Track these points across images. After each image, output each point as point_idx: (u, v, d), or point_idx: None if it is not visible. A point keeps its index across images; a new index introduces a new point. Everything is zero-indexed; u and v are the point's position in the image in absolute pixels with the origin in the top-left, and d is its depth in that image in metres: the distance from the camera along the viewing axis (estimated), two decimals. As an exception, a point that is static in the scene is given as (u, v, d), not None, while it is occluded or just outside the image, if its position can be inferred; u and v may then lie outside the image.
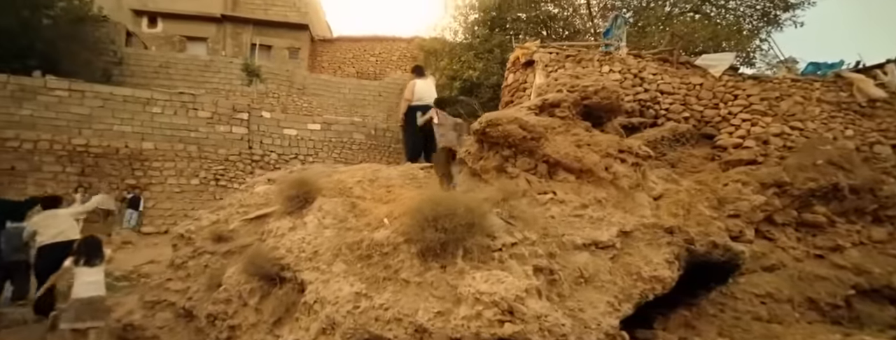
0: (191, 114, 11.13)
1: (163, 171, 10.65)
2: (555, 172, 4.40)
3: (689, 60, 7.88)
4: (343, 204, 3.71)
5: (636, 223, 4.16)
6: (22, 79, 10.23)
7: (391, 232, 3.20)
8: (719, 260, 4.24)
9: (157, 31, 23.71)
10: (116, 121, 10.54)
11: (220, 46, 23.52)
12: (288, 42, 24.26)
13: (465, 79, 10.91)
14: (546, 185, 4.30)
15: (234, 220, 3.92)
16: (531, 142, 4.29)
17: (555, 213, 4.06)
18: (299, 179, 3.73)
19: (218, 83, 18.00)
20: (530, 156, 4.36)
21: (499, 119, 4.25)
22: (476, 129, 4.39)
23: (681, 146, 6.33)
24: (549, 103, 4.65)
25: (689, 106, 7.23)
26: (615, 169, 4.52)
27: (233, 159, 11.28)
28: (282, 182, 3.93)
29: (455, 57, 11.70)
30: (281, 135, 12.05)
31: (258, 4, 25.34)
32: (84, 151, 10.07)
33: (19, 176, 9.59)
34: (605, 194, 4.36)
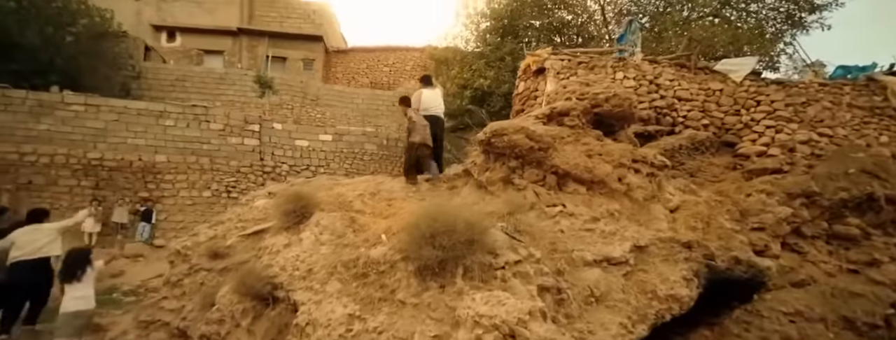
0: (203, 127, 11.28)
1: (175, 184, 10.77)
2: (564, 184, 4.24)
3: (707, 65, 7.64)
4: (341, 218, 3.62)
5: (651, 237, 3.96)
6: (40, 94, 10.52)
7: (388, 248, 3.08)
8: (742, 276, 4.00)
9: (176, 45, 24.34)
10: (130, 134, 10.73)
11: (237, 59, 24.02)
12: (302, 53, 24.64)
13: (476, 87, 10.81)
14: (555, 197, 4.14)
15: (231, 236, 3.86)
16: (539, 152, 4.14)
17: (564, 227, 3.90)
18: (297, 193, 3.65)
19: (233, 95, 18.31)
20: (538, 167, 4.22)
21: (504, 129, 4.13)
22: (481, 140, 4.27)
23: (700, 154, 6.09)
24: (557, 112, 4.51)
25: (709, 112, 6.98)
26: (629, 179, 4.34)
27: (244, 171, 11.36)
28: (279, 196, 3.86)
29: (466, 65, 11.63)
30: (292, 146, 12.11)
31: (274, 17, 25.86)
32: (99, 165, 10.27)
33: (36, 190, 9.81)
34: (618, 206, 4.18)
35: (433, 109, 5.57)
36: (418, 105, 5.49)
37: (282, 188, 4.64)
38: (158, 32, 24.37)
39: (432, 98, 5.64)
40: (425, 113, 5.53)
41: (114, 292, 6.62)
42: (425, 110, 5.53)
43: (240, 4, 25.11)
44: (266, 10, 25.90)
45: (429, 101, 5.58)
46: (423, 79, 5.89)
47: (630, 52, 7.90)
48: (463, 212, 3.11)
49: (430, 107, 5.56)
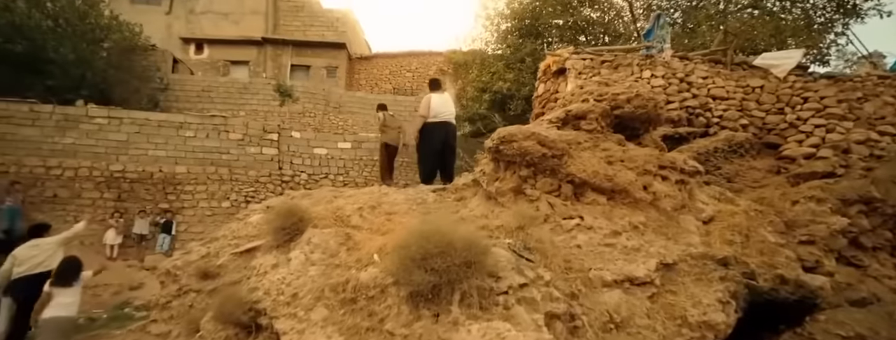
0: (222, 137, 11.42)
1: (195, 195, 10.92)
2: (582, 194, 3.90)
3: (745, 60, 7.10)
4: (336, 235, 3.40)
5: (681, 253, 3.57)
6: (66, 108, 10.90)
7: (379, 271, 2.84)
8: (789, 298, 3.55)
9: (203, 56, 25.11)
10: (151, 145, 10.96)
11: (262, 69, 24.55)
12: (326, 61, 24.96)
13: (496, 91, 10.51)
14: (571, 209, 3.81)
15: (224, 254, 3.71)
16: (552, 159, 3.83)
17: (581, 242, 3.56)
18: (289, 208, 3.46)
19: (256, 104, 18.65)
20: (552, 176, 3.90)
21: (513, 135, 3.84)
22: (489, 147, 3.99)
23: (738, 158, 5.60)
24: (573, 115, 4.18)
25: (748, 111, 6.45)
26: (655, 188, 3.97)
27: (263, 180, 11.42)
28: (272, 211, 3.68)
29: (485, 68, 11.35)
30: (311, 154, 12.11)
31: (297, 26, 26.35)
32: (121, 177, 10.52)
33: (61, 203, 10.12)
34: (642, 218, 3.81)
35: (443, 115, 5.34)
36: (427, 111, 5.28)
37: (282, 200, 4.48)
38: (187, 45, 25.22)
39: (442, 103, 5.41)
40: (435, 119, 5.31)
41: (126, 307, 6.65)
42: (435, 116, 5.31)
43: (265, 14, 25.72)
44: (290, 20, 26.43)
45: (439, 107, 5.35)
46: (432, 83, 5.68)
47: (658, 48, 7.46)
48: (460, 229, 2.84)
49: (440, 113, 5.34)
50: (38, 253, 4.93)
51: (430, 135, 5.24)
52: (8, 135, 10.13)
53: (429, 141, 5.24)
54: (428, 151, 5.28)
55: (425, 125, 5.26)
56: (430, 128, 5.24)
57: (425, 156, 5.31)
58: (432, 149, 5.23)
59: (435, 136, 5.22)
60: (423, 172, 5.35)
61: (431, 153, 5.24)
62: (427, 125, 5.26)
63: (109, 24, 17.25)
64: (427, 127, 5.26)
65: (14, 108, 10.32)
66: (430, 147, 5.25)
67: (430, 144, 5.24)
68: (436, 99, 5.31)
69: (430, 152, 5.24)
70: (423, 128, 5.25)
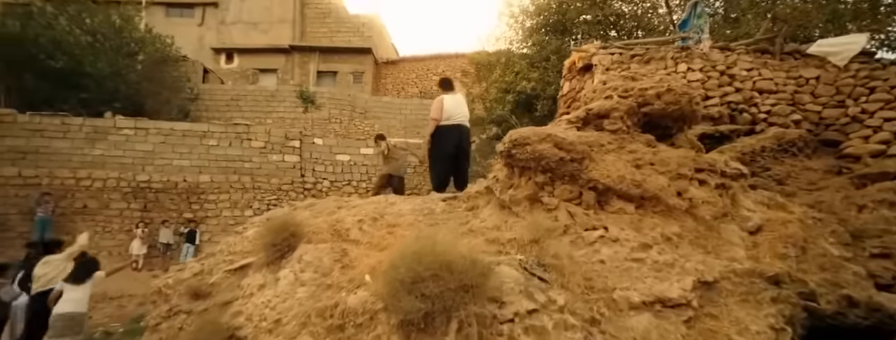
0: (245, 145, 11.53)
1: (218, 204, 11.05)
2: (606, 202, 3.52)
3: (798, 49, 6.46)
4: (331, 251, 3.16)
5: (723, 269, 3.14)
6: (95, 120, 11.27)
7: (370, 294, 2.57)
8: (860, 323, 3.05)
9: (233, 66, 25.82)
10: (176, 155, 11.18)
11: (289, 76, 25.01)
12: (352, 67, 25.19)
13: (520, 91, 10.12)
14: (595, 219, 3.44)
15: (217, 271, 3.53)
16: (572, 164, 3.47)
17: (605, 257, 3.18)
18: (281, 222, 3.25)
19: (283, 111, 18.93)
20: (572, 183, 3.53)
21: (527, 137, 3.50)
22: (501, 151, 3.67)
23: (790, 157, 5.03)
24: (594, 114, 3.81)
25: (801, 105, 5.85)
26: (691, 193, 3.54)
27: (285, 188, 11.44)
28: (265, 224, 3.49)
29: (509, 68, 10.98)
30: (333, 161, 12.06)
31: (324, 33, 26.73)
32: (147, 187, 10.76)
33: (90, 214, 10.43)
34: (676, 228, 3.39)
35: (456, 117, 5.05)
36: (439, 113, 4.99)
37: (280, 213, 4.29)
38: (218, 55, 26.01)
39: (455, 104, 5.11)
40: (447, 121, 5.02)
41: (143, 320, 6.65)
42: (448, 119, 5.02)
43: (292, 22, 26.22)
44: (317, 27, 26.86)
45: (451, 109, 5.06)
46: (443, 82, 5.39)
47: (696, 39, 6.92)
48: (459, 246, 2.53)
49: (452, 115, 5.04)
50: (50, 270, 5.21)
51: (443, 138, 4.95)
52: (41, 148, 10.54)
53: (441, 145, 4.95)
54: (440, 156, 4.99)
55: (437, 128, 4.97)
56: (442, 132, 4.96)
57: (437, 161, 5.02)
58: (445, 154, 4.94)
59: (448, 140, 4.93)
60: (435, 179, 5.06)
61: (444, 158, 4.95)
62: (439, 128, 4.97)
63: (143, 37, 17.94)
64: (439, 130, 4.97)
65: (47, 122, 10.73)
66: (442, 151, 4.95)
67: (443, 149, 4.94)
68: (448, 100, 5.02)
69: (443, 157, 4.95)
70: (436, 131, 4.97)
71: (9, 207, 10.03)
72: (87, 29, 16.71)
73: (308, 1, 27.18)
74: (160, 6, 26.73)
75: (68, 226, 10.24)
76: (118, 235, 10.30)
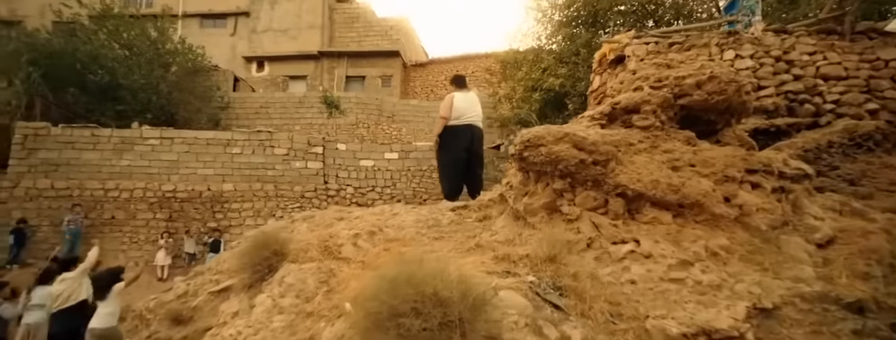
0: (267, 152, 11.53)
1: (241, 212, 11.07)
2: (637, 210, 3.04)
3: (873, 27, 5.69)
4: (317, 272, 2.84)
5: (786, 293, 2.60)
6: (123, 131, 11.54)
7: (348, 326, 2.22)
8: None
9: (264, 74, 26.37)
10: (200, 164, 11.29)
11: (318, 82, 25.28)
12: (380, 71, 25.21)
13: (547, 88, 9.57)
14: (623, 230, 2.97)
15: (203, 292, 3.27)
16: (595, 167, 3.01)
17: (636, 276, 2.71)
18: (264, 238, 2.96)
19: (311, 118, 19.06)
20: (596, 189, 3.08)
21: (541, 137, 3.07)
22: (512, 153, 3.26)
23: (865, 153, 4.34)
24: (621, 108, 3.33)
25: (878, 92, 5.11)
26: (742, 199, 3.01)
27: (308, 196, 11.35)
28: (247, 241, 3.20)
29: (535, 64, 10.45)
30: (357, 166, 11.89)
31: (352, 37, 26.93)
32: (172, 197, 10.91)
33: (117, 225, 10.65)
34: (724, 241, 2.88)
35: (467, 117, 4.65)
36: (448, 112, 4.61)
37: (277, 226, 4.02)
38: (250, 63, 26.64)
39: (466, 103, 4.72)
40: (457, 121, 4.62)
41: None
42: (458, 118, 4.62)
43: (321, 28, 26.54)
44: (345, 32, 27.10)
45: (462, 107, 4.66)
46: (455, 80, 5.01)
47: (745, 22, 6.26)
48: (451, 269, 2.14)
49: (463, 115, 4.64)
50: (66, 288, 5.25)
51: (452, 140, 4.56)
52: (72, 160, 10.87)
53: (450, 147, 4.56)
54: (449, 160, 4.59)
55: (446, 129, 4.59)
56: (451, 133, 4.56)
57: (447, 165, 4.63)
58: (455, 158, 4.54)
59: (458, 142, 4.54)
60: (446, 185, 4.67)
61: (454, 162, 4.55)
62: (448, 129, 4.58)
63: (176, 48, 18.51)
64: (448, 131, 4.58)
65: (78, 134, 11.07)
66: (451, 155, 4.55)
67: (452, 151, 4.55)
68: (459, 98, 4.63)
69: (453, 161, 4.55)
70: (444, 132, 4.58)
71: (42, 219, 10.37)
72: (124, 43, 17.40)
73: (336, 6, 27.47)
74: (195, 18, 27.66)
75: (97, 237, 10.47)
76: (144, 246, 10.46)
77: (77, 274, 5.28)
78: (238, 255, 3.22)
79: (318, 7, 26.26)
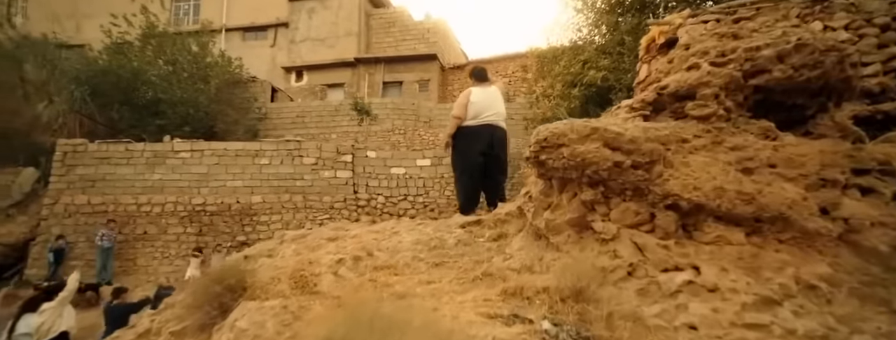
0: (296, 162, 11.36)
1: (270, 225, 10.92)
2: (695, 226, 2.33)
3: None
4: (281, 312, 2.33)
5: (929, 349, 1.83)
6: (155, 145, 11.73)
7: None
8: None
9: (303, 83, 26.76)
10: (229, 176, 11.26)
11: (355, 89, 25.34)
12: (417, 75, 24.94)
13: (588, 83, 8.71)
14: (677, 254, 2.27)
15: (165, 331, 2.82)
16: (635, 171, 2.33)
17: (697, 318, 2.02)
18: (222, 270, 2.49)
19: (347, 125, 18.98)
20: (638, 199, 2.39)
21: (562, 134, 2.44)
22: (527, 156, 2.63)
23: None
24: (671, 93, 2.63)
25: None
26: (848, 210, 2.25)
27: (338, 206, 11.06)
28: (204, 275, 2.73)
29: (575, 56, 9.59)
30: (388, 175, 11.50)
31: (389, 42, 26.87)
32: (202, 210, 10.92)
33: (149, 239, 10.77)
34: (825, 269, 2.13)
35: (487, 115, 4.03)
36: (463, 110, 4.01)
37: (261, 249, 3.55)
38: (289, 73, 27.13)
39: (486, 99, 4.10)
40: (475, 121, 4.01)
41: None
42: (475, 117, 4.01)
43: (357, 35, 26.66)
44: (382, 37, 27.08)
45: (481, 105, 4.05)
46: (474, 72, 4.40)
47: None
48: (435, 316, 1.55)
49: (483, 112, 4.03)
50: (46, 319, 5.05)
51: (468, 142, 3.97)
52: (108, 175, 11.13)
53: (465, 151, 3.95)
54: (465, 166, 3.99)
55: (461, 130, 4.00)
56: (467, 134, 3.97)
57: (462, 172, 4.01)
58: (471, 163, 3.93)
59: (475, 145, 3.94)
60: (461, 195, 4.04)
61: (470, 168, 3.93)
62: (464, 130, 4.01)
63: (216, 61, 19.01)
64: (464, 132, 4.00)
65: (113, 149, 11.34)
66: (467, 160, 3.94)
67: (468, 156, 3.94)
68: (478, 94, 4.01)
69: (469, 167, 3.94)
70: (459, 133, 3.99)
71: (78, 235, 10.64)
72: (167, 59, 18.02)
73: (373, 12, 27.54)
74: (237, 31, 28.52)
75: (129, 253, 10.64)
76: (175, 261, 10.50)
77: (56, 305, 5.06)
78: (191, 291, 2.75)
79: (354, 14, 26.39)
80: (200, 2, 29.12)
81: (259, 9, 28.08)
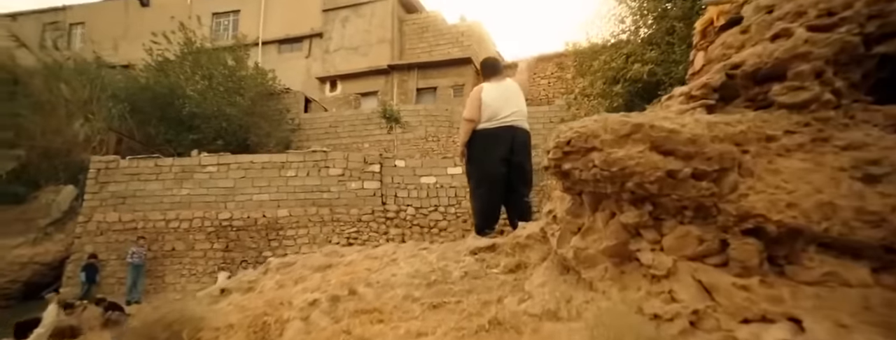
0: (322, 173, 11.07)
1: (296, 240, 10.63)
2: (792, 258, 1.65)
3: None
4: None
5: None
6: (183, 160, 11.74)
7: None
8: None
9: (337, 93, 26.86)
10: (255, 190, 11.09)
11: (389, 97, 25.17)
12: (452, 80, 24.50)
13: (632, 78, 7.82)
14: (764, 298, 1.60)
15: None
16: (698, 183, 1.68)
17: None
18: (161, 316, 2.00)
19: (380, 134, 18.74)
20: (702, 220, 1.73)
21: (591, 135, 1.82)
22: (546, 165, 2.01)
23: None
24: (747, 74, 1.97)
25: None
26: None
27: (365, 219, 10.65)
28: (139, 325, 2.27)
29: (616, 51, 8.71)
30: (417, 184, 11.00)
31: (423, 48, 26.62)
32: (228, 225, 10.77)
33: (177, 256, 10.70)
34: None
35: (505, 115, 3.42)
36: (476, 111, 3.41)
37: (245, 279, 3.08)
38: (323, 84, 27.31)
39: (502, 95, 3.49)
40: (490, 124, 3.40)
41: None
42: (491, 119, 3.40)
43: (391, 42, 26.55)
44: (415, 42, 26.87)
45: (496, 103, 3.45)
46: (486, 66, 3.80)
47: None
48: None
49: (498, 113, 3.42)
50: None
51: (485, 148, 3.36)
52: (138, 192, 11.20)
53: (483, 159, 3.33)
54: (483, 176, 3.38)
55: (476, 134, 3.42)
56: (484, 138, 3.37)
57: (480, 184, 3.39)
58: (490, 173, 3.30)
59: (493, 151, 3.33)
60: (478, 212, 3.41)
61: (489, 179, 3.31)
62: (479, 134, 3.40)
63: (250, 74, 19.27)
64: (479, 137, 3.40)
65: (143, 165, 11.43)
66: (485, 169, 3.32)
67: (486, 164, 3.32)
68: (490, 91, 3.41)
69: (487, 177, 3.32)
70: (473, 138, 3.39)
71: (110, 252, 10.71)
72: (203, 74, 18.37)
73: (406, 18, 27.41)
74: (273, 44, 29.06)
75: (158, 270, 10.60)
76: (202, 278, 10.36)
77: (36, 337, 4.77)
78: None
79: (387, 21, 26.32)
80: (239, 17, 29.89)
81: (294, 21, 28.52)
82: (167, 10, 25.45)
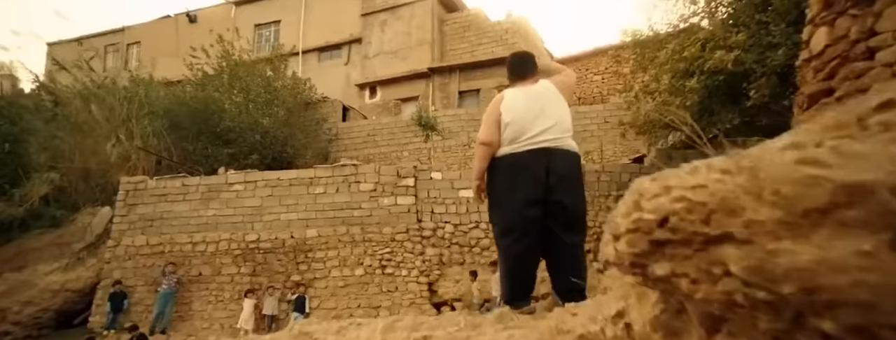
0: (353, 189, 10.36)
1: (326, 262, 9.97)
2: None
3: None
4: None
5: None
6: (210, 178, 11.37)
7: None
8: None
9: (376, 99, 26.47)
10: (283, 208, 10.55)
11: (430, 101, 24.44)
12: (495, 81, 23.44)
13: (711, 70, 6.29)
14: None
15: None
16: None
17: None
18: None
19: (419, 141, 18.01)
20: None
21: (721, 202, 0.77)
22: (611, 259, 0.98)
23: None
24: None
25: None
26: None
27: (399, 238, 9.81)
28: None
29: (688, 37, 7.18)
30: (455, 198, 10.06)
31: (465, 48, 25.79)
32: (255, 248, 10.26)
33: (204, 281, 10.27)
34: None
35: (534, 135, 2.37)
36: (493, 132, 2.41)
37: None
38: (363, 90, 27.01)
39: (531, 106, 2.46)
40: (513, 147, 2.38)
41: None
42: (515, 140, 2.38)
43: (431, 43, 25.86)
44: (457, 43, 26.06)
45: (523, 116, 2.43)
46: (513, 64, 2.78)
47: None
48: None
49: (526, 131, 2.38)
50: None
51: (509, 183, 2.37)
52: (165, 213, 10.92)
53: (506, 198, 2.31)
54: (508, 223, 2.37)
55: (495, 163, 2.43)
56: (506, 168, 2.40)
57: (505, 233, 2.31)
58: (517, 218, 2.27)
59: (521, 186, 2.33)
60: (505, 275, 2.32)
61: (516, 226, 2.27)
62: (499, 163, 2.43)
63: (287, 84, 19.10)
64: (500, 166, 2.43)
65: (170, 185, 11.15)
66: (509, 213, 2.27)
67: (511, 205, 2.30)
68: (514, 100, 2.34)
69: (514, 224, 2.27)
70: (493, 168, 2.36)
71: (137, 278, 10.45)
72: (241, 87, 18.35)
73: (447, 17, 26.68)
74: (313, 53, 29.14)
75: (185, 297, 10.21)
76: (229, 305, 9.89)
77: None
78: None
79: (426, 22, 25.67)
80: (280, 27, 30.24)
81: (333, 27, 28.46)
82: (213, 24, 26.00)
